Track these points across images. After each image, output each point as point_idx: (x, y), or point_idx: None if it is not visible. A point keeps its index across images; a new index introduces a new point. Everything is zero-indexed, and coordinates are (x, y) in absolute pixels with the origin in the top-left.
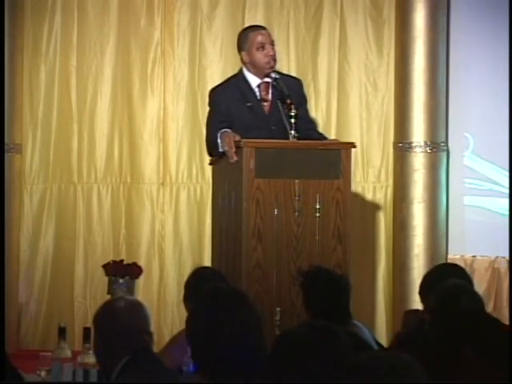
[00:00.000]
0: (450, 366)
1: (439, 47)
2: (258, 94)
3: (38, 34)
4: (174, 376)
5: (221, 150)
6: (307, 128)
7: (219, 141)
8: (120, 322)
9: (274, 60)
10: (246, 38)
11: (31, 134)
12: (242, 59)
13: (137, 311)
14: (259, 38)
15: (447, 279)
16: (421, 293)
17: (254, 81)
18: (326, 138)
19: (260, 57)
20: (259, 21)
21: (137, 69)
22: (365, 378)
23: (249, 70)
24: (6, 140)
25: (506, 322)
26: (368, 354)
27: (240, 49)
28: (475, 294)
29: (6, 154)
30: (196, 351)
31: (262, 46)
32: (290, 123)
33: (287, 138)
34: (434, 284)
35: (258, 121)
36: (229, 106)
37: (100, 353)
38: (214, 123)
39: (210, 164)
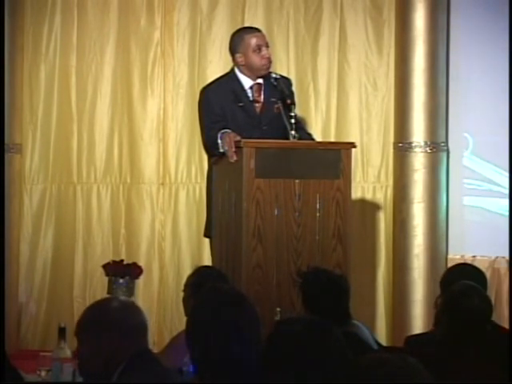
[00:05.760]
0: (452, 366)
1: (439, 47)
2: (250, 94)
3: (38, 33)
4: (175, 377)
5: (221, 150)
6: (297, 127)
7: (219, 141)
8: (118, 323)
9: (270, 62)
10: (241, 41)
11: (31, 134)
12: (235, 61)
13: (132, 311)
14: (255, 41)
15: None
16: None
17: (246, 82)
18: (313, 139)
19: (257, 59)
20: (259, 21)
21: (137, 69)
22: (370, 379)
23: (242, 72)
24: (6, 140)
25: (506, 322)
26: (374, 355)
27: (234, 51)
28: (485, 295)
29: (6, 154)
30: (195, 352)
31: (259, 49)
32: (290, 123)
33: (278, 138)
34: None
35: (250, 121)
36: (222, 106)
37: (95, 356)
38: (210, 124)
39: (214, 164)
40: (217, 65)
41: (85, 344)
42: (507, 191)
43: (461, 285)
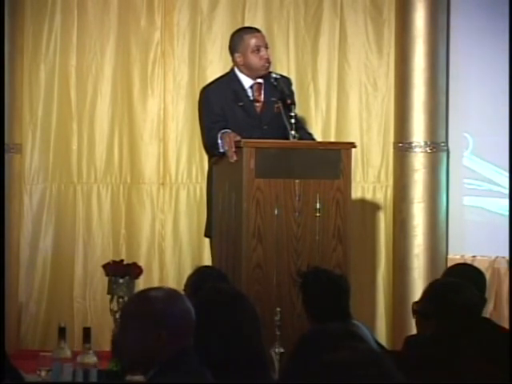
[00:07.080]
0: (452, 366)
1: (439, 47)
2: (250, 94)
3: (38, 33)
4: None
5: (221, 150)
6: (297, 127)
7: (219, 141)
8: (161, 317)
9: (269, 63)
10: (241, 41)
11: (31, 134)
12: (234, 60)
13: (177, 303)
14: (255, 41)
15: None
16: None
17: (246, 81)
18: (314, 139)
19: (256, 60)
20: (259, 21)
21: (137, 69)
22: (337, 375)
23: (241, 71)
24: (6, 140)
25: (506, 322)
26: (343, 353)
27: (233, 50)
28: (472, 291)
29: (6, 154)
30: (195, 351)
31: (258, 49)
32: (290, 123)
33: (279, 138)
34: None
35: (251, 120)
36: (222, 105)
37: (131, 351)
38: (210, 124)
39: (214, 164)
40: (217, 65)
41: (127, 333)
42: (507, 191)
43: (444, 284)
